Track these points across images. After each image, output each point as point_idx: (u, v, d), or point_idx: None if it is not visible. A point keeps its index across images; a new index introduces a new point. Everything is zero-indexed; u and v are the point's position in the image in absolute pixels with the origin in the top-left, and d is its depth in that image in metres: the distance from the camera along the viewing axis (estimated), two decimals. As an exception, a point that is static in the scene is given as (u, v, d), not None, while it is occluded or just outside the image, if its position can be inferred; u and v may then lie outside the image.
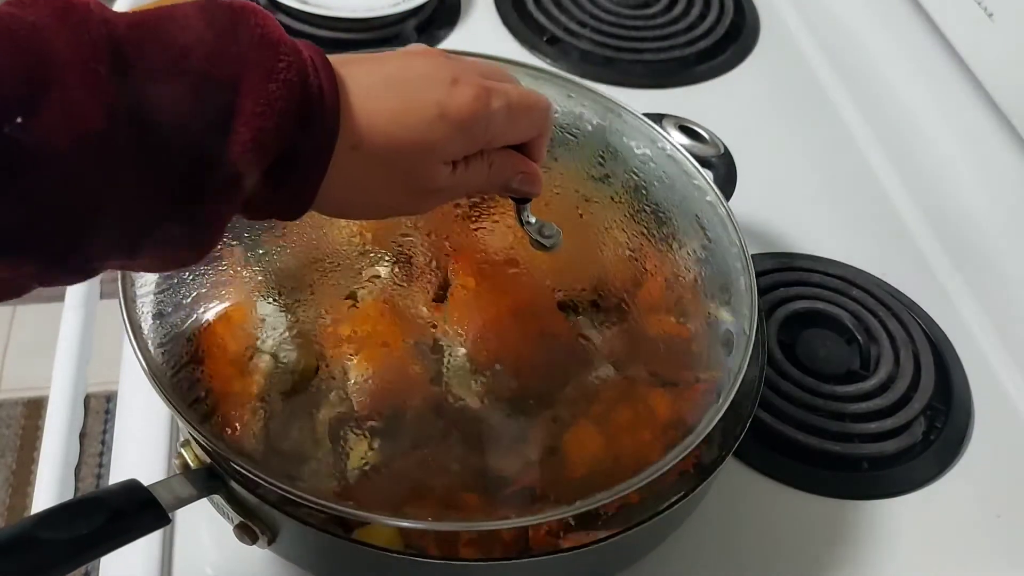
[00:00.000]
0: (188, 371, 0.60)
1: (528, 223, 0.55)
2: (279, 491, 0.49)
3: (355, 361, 0.58)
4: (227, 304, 0.61)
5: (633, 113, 0.69)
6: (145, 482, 0.48)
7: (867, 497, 0.67)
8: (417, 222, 0.67)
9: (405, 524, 0.50)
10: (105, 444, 1.61)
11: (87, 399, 0.76)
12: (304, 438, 0.59)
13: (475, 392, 0.61)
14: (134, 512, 0.46)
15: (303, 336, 0.62)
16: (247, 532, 0.52)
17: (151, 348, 0.55)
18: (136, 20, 0.36)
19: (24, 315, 1.82)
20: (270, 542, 0.52)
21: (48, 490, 0.68)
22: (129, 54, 0.35)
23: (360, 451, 0.58)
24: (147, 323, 0.56)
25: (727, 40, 1.03)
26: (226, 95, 0.37)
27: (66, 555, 0.43)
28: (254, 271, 0.62)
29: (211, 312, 0.61)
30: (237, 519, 0.51)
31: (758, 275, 0.75)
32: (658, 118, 0.73)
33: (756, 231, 0.83)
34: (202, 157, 0.37)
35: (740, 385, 0.61)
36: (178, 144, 0.36)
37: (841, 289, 0.78)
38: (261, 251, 0.68)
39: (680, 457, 0.53)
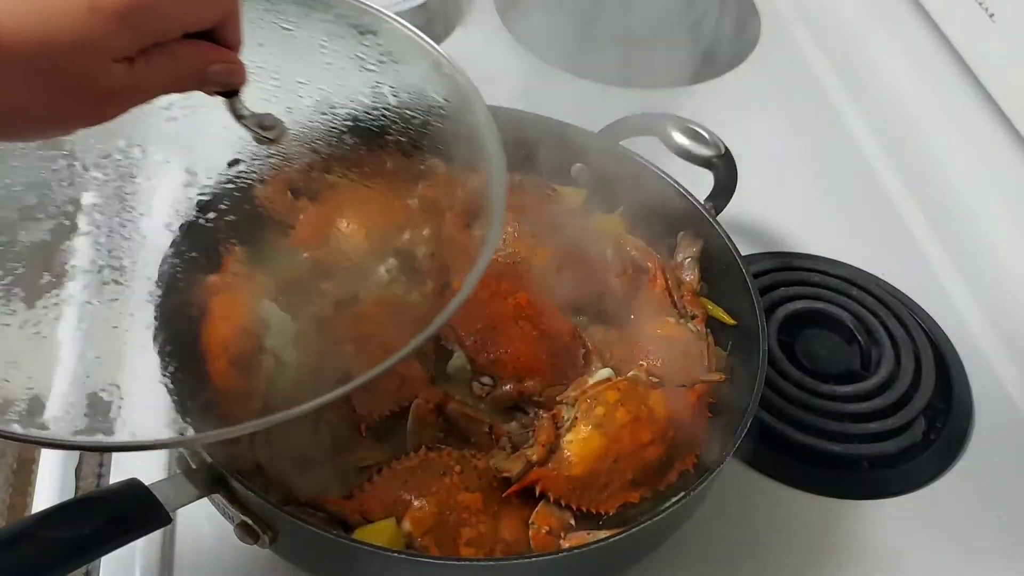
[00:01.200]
0: (190, 371, 0.60)
1: (243, 116, 0.48)
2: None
3: (355, 362, 0.58)
4: (229, 305, 0.61)
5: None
6: (146, 481, 0.48)
7: (868, 497, 0.67)
8: (418, 224, 0.67)
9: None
10: (106, 444, 1.61)
11: (88, 399, 0.76)
12: (305, 438, 0.59)
13: (476, 393, 0.61)
14: (135, 512, 0.46)
15: (305, 336, 0.62)
16: (248, 532, 0.52)
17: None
18: None
19: (25, 315, 1.82)
20: (271, 542, 0.52)
21: (49, 489, 0.68)
22: None
23: (361, 452, 0.58)
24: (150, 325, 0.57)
25: (727, 41, 1.03)
26: None
27: (67, 554, 0.43)
28: (256, 272, 0.62)
29: (214, 314, 0.61)
30: (238, 519, 0.51)
31: (758, 274, 0.76)
32: (659, 118, 0.73)
33: (757, 231, 0.83)
34: None
35: (739, 383, 0.61)
36: None
37: (841, 289, 0.78)
38: (263, 252, 0.68)
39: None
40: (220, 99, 0.46)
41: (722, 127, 0.74)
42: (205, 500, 0.52)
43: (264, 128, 0.49)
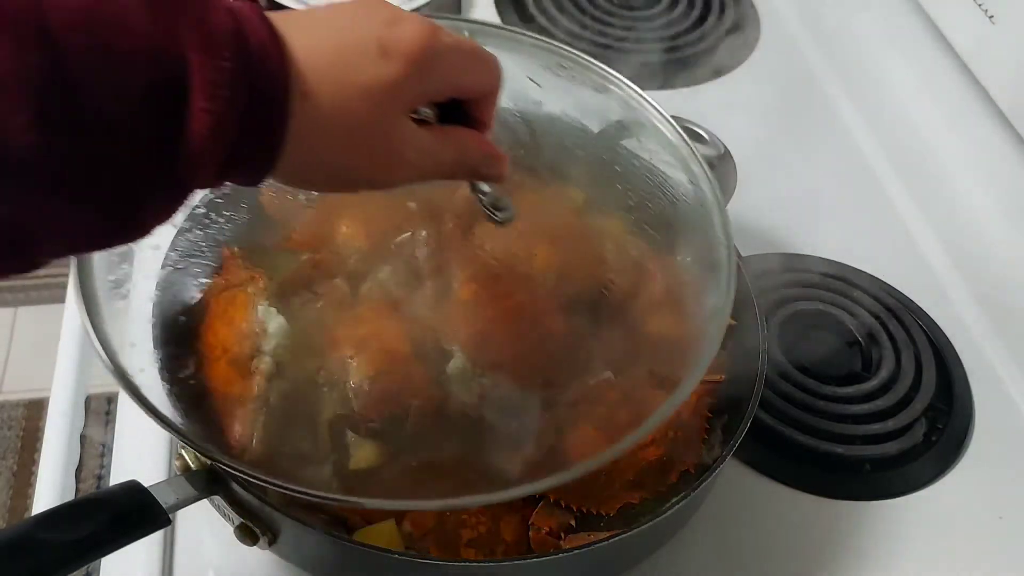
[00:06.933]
0: (190, 372, 0.60)
1: (482, 194, 0.51)
2: (270, 486, 0.49)
3: (356, 363, 0.58)
4: (228, 307, 0.61)
5: (633, 89, 0.67)
6: (146, 483, 0.48)
7: (868, 498, 0.67)
8: (418, 224, 0.67)
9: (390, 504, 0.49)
10: (106, 445, 1.61)
11: (88, 400, 0.76)
12: (305, 440, 0.59)
13: (476, 394, 0.61)
14: (135, 513, 0.46)
15: (304, 338, 0.62)
16: (248, 533, 0.52)
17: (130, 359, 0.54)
18: (76, 18, 0.33)
19: (26, 316, 1.82)
20: (271, 543, 0.52)
21: (49, 491, 0.68)
22: (72, 69, 0.33)
23: (361, 453, 0.58)
24: (145, 327, 0.57)
25: (727, 41, 1.03)
26: (174, 87, 0.35)
27: (67, 556, 0.43)
28: (255, 274, 0.62)
29: (212, 315, 0.61)
30: (238, 520, 0.51)
31: (758, 275, 0.76)
32: (659, 119, 0.73)
33: (756, 231, 0.83)
34: (156, 153, 0.35)
35: (740, 386, 0.61)
36: (129, 148, 0.35)
37: (842, 290, 0.78)
38: (262, 253, 0.68)
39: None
40: None
41: (722, 127, 0.74)
42: (205, 501, 0.52)
43: (497, 209, 0.51)
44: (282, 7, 0.95)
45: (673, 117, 0.73)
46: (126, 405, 0.67)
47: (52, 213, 0.34)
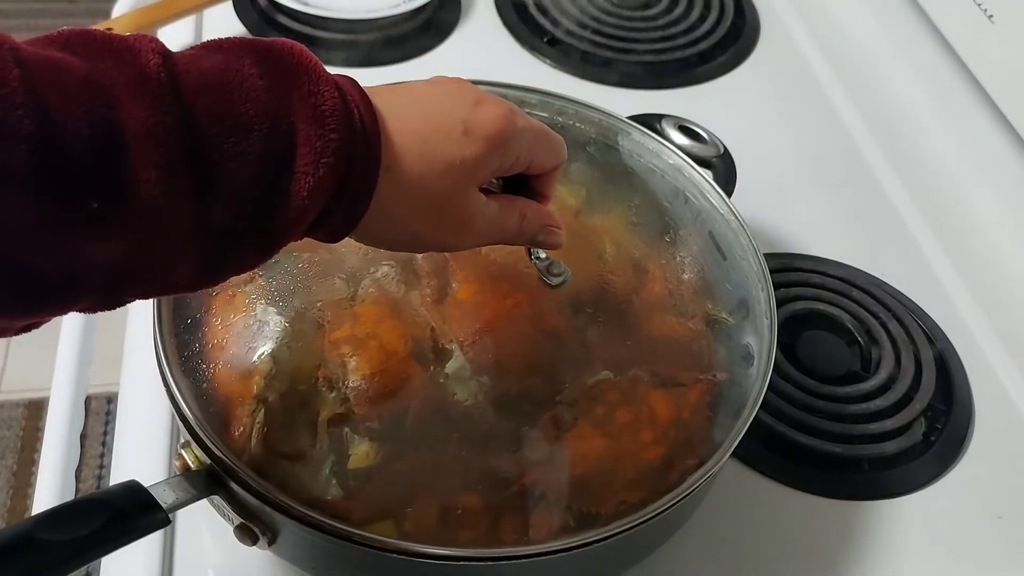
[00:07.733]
0: (190, 372, 0.60)
1: (538, 259, 0.56)
2: (287, 505, 0.49)
3: (354, 362, 0.58)
4: (228, 308, 0.61)
5: (635, 126, 0.69)
6: (145, 483, 0.48)
7: (867, 498, 0.67)
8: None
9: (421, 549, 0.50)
10: (106, 445, 1.61)
11: (88, 400, 0.76)
12: (304, 440, 0.59)
13: (475, 393, 0.61)
14: (134, 513, 0.46)
15: (303, 337, 0.62)
16: (247, 533, 0.52)
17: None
18: (203, 85, 0.36)
19: (25, 316, 1.82)
20: (271, 543, 0.52)
21: (48, 491, 0.68)
22: (200, 135, 0.36)
23: (360, 452, 0.58)
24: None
25: (727, 41, 1.03)
26: (284, 151, 0.38)
27: (66, 556, 0.43)
28: (255, 273, 0.62)
29: (212, 315, 0.61)
30: (237, 520, 0.51)
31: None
32: (658, 119, 0.73)
33: (756, 231, 0.83)
34: (260, 209, 0.38)
35: (740, 388, 0.61)
36: (239, 204, 0.38)
37: (841, 290, 0.78)
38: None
39: (704, 479, 0.54)
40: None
41: (722, 127, 0.74)
42: (205, 501, 0.52)
43: (552, 274, 0.56)
44: (282, 7, 0.95)
45: (673, 117, 0.73)
46: (126, 405, 0.67)
47: (162, 257, 0.37)
